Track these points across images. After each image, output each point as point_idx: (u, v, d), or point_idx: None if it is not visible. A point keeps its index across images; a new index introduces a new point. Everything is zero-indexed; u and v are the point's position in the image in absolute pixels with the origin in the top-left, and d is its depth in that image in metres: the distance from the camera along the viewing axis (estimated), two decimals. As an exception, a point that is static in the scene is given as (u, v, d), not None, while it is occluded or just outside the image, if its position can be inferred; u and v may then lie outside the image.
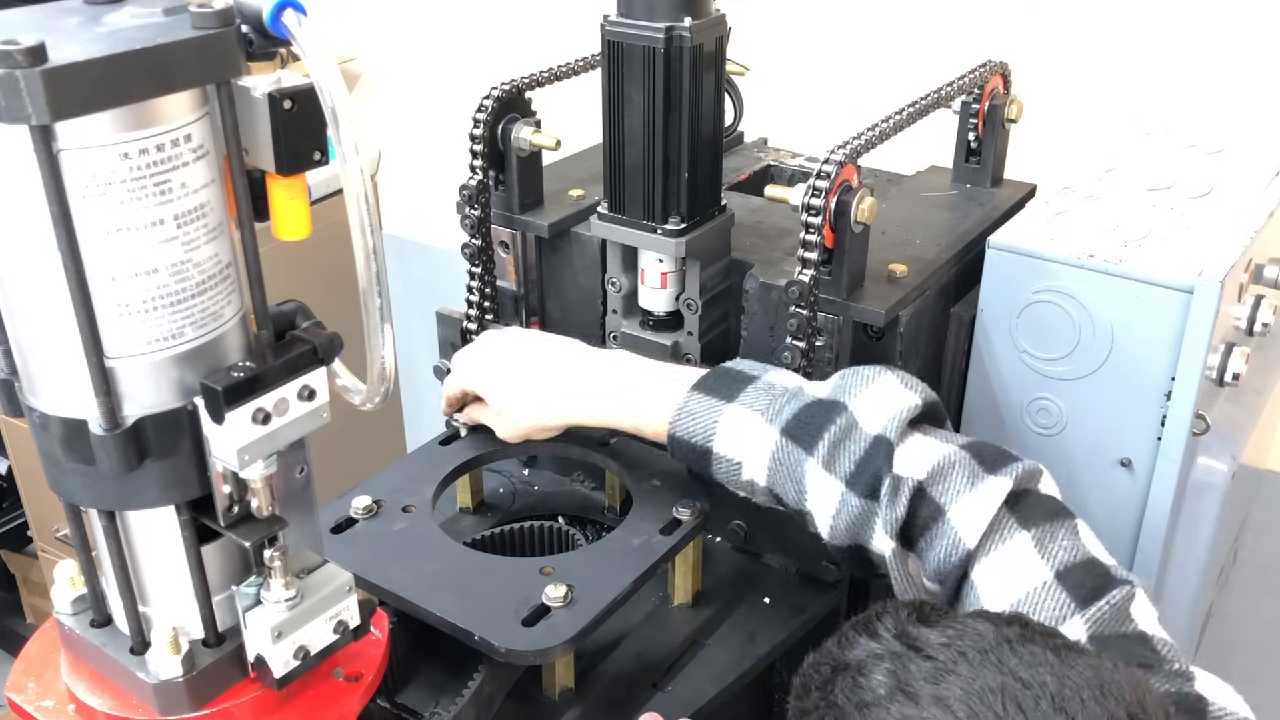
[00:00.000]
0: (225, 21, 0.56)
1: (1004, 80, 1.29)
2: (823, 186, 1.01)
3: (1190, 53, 1.67)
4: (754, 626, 1.11)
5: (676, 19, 1.04)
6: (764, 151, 1.51)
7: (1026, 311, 1.09)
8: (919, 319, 1.10)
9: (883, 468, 0.87)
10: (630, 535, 1.04)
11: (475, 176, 1.17)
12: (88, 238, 0.55)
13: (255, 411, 0.60)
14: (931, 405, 0.93)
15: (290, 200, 0.62)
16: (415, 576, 0.98)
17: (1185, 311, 1.01)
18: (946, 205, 1.28)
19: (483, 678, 0.95)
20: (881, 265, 1.10)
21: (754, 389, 0.96)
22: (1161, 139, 1.33)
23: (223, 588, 0.68)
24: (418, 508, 1.07)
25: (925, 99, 1.18)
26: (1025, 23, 1.76)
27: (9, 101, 0.50)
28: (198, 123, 0.58)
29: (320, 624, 0.69)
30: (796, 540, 1.16)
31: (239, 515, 0.65)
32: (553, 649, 0.92)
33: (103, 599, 0.69)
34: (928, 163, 1.39)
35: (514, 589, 0.96)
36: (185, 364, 0.60)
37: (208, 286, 0.60)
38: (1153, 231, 1.10)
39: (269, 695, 0.69)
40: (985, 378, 1.15)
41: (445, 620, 0.94)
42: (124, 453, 0.59)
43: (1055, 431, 1.12)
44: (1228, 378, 1.05)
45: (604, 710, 1.01)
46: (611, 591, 0.97)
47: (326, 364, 0.64)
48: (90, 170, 0.55)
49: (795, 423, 0.92)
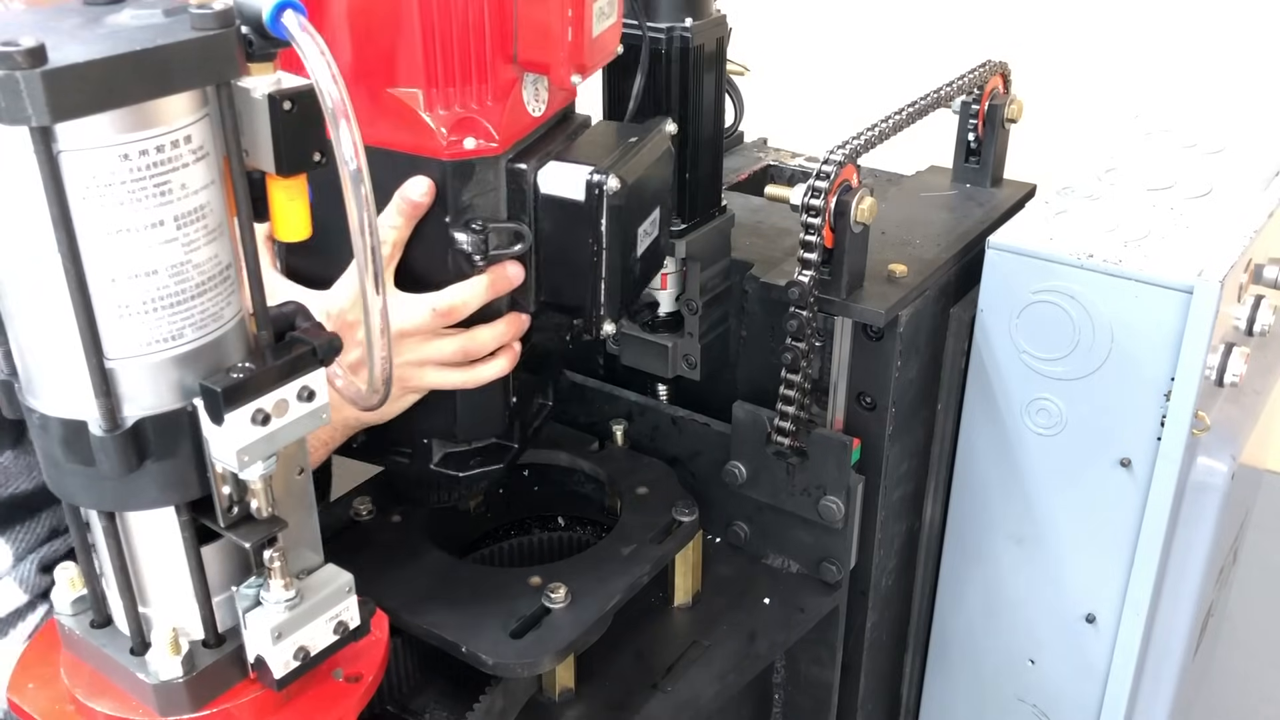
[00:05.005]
0: (225, 23, 0.56)
1: (1004, 80, 1.29)
2: (822, 186, 1.01)
3: (1190, 53, 1.67)
4: (754, 626, 1.11)
5: (677, 19, 1.04)
6: (764, 151, 1.52)
7: (1026, 311, 1.09)
8: (919, 319, 1.10)
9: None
10: (619, 543, 1.04)
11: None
12: (88, 239, 0.55)
13: (255, 413, 0.60)
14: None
15: (290, 201, 0.62)
16: (403, 589, 0.98)
17: (1185, 312, 1.01)
18: (946, 205, 1.28)
19: (495, 692, 0.95)
20: (881, 265, 1.10)
21: None
22: (1161, 139, 1.33)
23: (223, 588, 0.68)
24: (408, 516, 1.07)
25: (925, 99, 1.18)
26: (1025, 23, 1.76)
27: (9, 103, 0.50)
28: (198, 124, 0.58)
29: (320, 625, 0.69)
30: (797, 540, 1.16)
31: (239, 516, 0.65)
32: (541, 661, 0.92)
33: (103, 600, 0.69)
34: (928, 163, 1.39)
35: (502, 600, 0.96)
36: (185, 365, 0.60)
37: (207, 288, 0.60)
38: (1152, 231, 1.10)
39: (269, 696, 0.69)
40: (985, 378, 1.15)
41: (434, 634, 0.94)
42: (124, 454, 0.59)
43: (1055, 431, 1.12)
44: (1227, 378, 1.05)
45: (604, 710, 1.01)
46: (602, 602, 0.97)
47: (326, 365, 0.64)
48: (90, 171, 0.55)
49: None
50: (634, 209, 0.93)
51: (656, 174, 0.98)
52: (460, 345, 0.92)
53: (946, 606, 1.29)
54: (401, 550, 1.04)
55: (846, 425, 1.13)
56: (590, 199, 0.89)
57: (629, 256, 0.94)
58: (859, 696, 1.27)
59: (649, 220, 0.98)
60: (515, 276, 0.92)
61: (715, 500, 1.19)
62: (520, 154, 0.90)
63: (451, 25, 0.85)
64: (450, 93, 0.86)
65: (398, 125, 0.87)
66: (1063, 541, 1.17)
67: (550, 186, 0.90)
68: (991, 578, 1.24)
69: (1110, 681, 1.19)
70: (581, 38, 0.87)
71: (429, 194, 0.88)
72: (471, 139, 0.87)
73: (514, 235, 0.91)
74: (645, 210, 0.97)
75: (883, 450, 1.12)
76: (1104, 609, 1.17)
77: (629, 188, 0.90)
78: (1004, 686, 1.28)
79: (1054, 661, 1.23)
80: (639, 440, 1.23)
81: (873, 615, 1.22)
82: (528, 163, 0.90)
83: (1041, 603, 1.21)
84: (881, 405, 1.10)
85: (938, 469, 1.22)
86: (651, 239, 0.99)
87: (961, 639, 1.30)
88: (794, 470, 1.12)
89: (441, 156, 0.87)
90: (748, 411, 1.13)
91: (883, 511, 1.16)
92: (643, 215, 0.96)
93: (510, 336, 0.95)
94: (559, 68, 0.88)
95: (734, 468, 1.15)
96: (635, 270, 0.97)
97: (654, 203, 0.99)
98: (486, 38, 0.86)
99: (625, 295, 0.96)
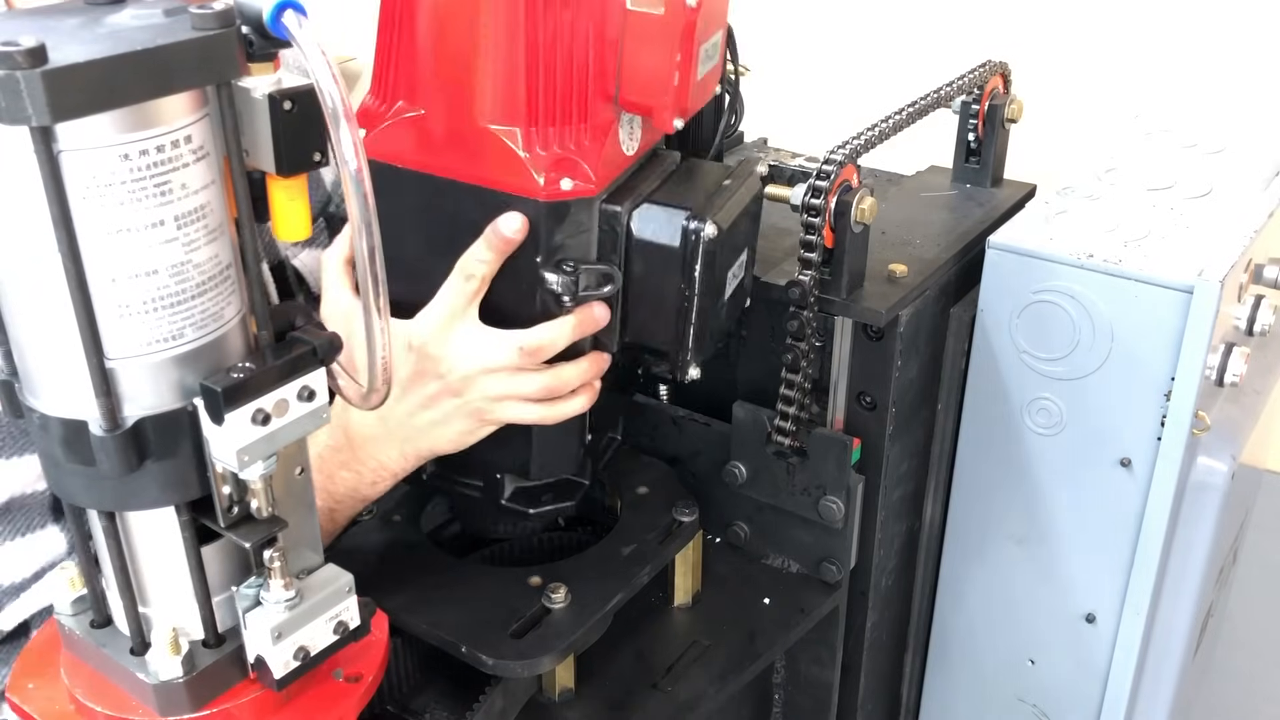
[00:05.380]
0: (225, 22, 0.56)
1: (1004, 80, 1.29)
2: (823, 186, 1.01)
3: (1190, 53, 1.67)
4: (754, 626, 1.11)
5: (677, 19, 1.04)
6: (764, 151, 1.51)
7: (1026, 311, 1.09)
8: (919, 319, 1.10)
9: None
10: (619, 543, 1.04)
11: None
12: (88, 239, 0.55)
13: (255, 412, 0.60)
14: None
15: (290, 201, 0.62)
16: (402, 589, 0.98)
17: (1185, 311, 1.01)
18: (946, 205, 1.28)
19: (495, 692, 0.95)
20: (881, 265, 1.10)
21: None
22: (1161, 139, 1.33)
23: (223, 588, 0.68)
24: (404, 516, 1.07)
25: (925, 99, 1.18)
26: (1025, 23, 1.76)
27: (9, 103, 0.50)
28: (198, 124, 0.58)
29: (320, 625, 0.69)
30: (797, 540, 1.16)
31: (239, 516, 0.65)
32: (541, 661, 0.92)
33: (103, 600, 0.69)
34: (928, 163, 1.39)
35: (502, 600, 0.96)
36: (185, 365, 0.60)
37: (208, 288, 0.60)
38: (1152, 231, 1.10)
39: (269, 696, 0.69)
40: (985, 378, 1.15)
41: (434, 633, 0.94)
42: (124, 454, 0.59)
43: (1055, 431, 1.12)
44: (1227, 378, 1.05)
45: (604, 710, 1.01)
46: (602, 602, 0.97)
47: (326, 365, 0.64)
48: (90, 171, 0.55)
49: None
50: (726, 254, 0.92)
51: (747, 216, 0.96)
52: (545, 383, 0.91)
53: (946, 606, 1.29)
54: (401, 550, 1.04)
55: (846, 425, 1.13)
56: (686, 244, 0.88)
57: (718, 301, 0.93)
58: (859, 696, 1.27)
59: (738, 263, 0.96)
60: (602, 318, 0.91)
61: (715, 500, 1.19)
62: (614, 194, 0.89)
63: (556, 63, 0.83)
64: (550, 132, 0.85)
65: (494, 162, 0.85)
66: (1063, 541, 1.17)
67: (644, 231, 0.88)
68: (991, 578, 1.24)
69: (1110, 681, 1.19)
70: (688, 83, 0.85)
71: (522, 231, 0.86)
72: (569, 180, 0.86)
73: (604, 277, 0.89)
74: (736, 254, 0.96)
75: (883, 450, 1.12)
76: (1104, 609, 1.17)
77: (724, 233, 0.89)
78: (1004, 686, 1.28)
79: (1054, 661, 1.23)
80: (639, 440, 1.23)
81: (873, 615, 1.22)
82: (622, 204, 0.88)
83: (1041, 603, 1.21)
84: (881, 405, 1.10)
85: (938, 469, 1.22)
86: (738, 281, 0.98)
87: (961, 639, 1.30)
88: (794, 470, 1.12)
89: (538, 197, 0.85)
90: (748, 411, 1.12)
91: (883, 511, 1.16)
92: (734, 259, 0.95)
93: (592, 375, 0.94)
94: (663, 111, 0.86)
95: (734, 467, 1.15)
96: (722, 314, 0.96)
97: (744, 245, 0.98)
98: (589, 77, 0.84)
99: (712, 339, 0.95)
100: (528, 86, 0.83)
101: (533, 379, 0.91)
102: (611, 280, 0.90)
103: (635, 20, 0.83)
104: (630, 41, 0.84)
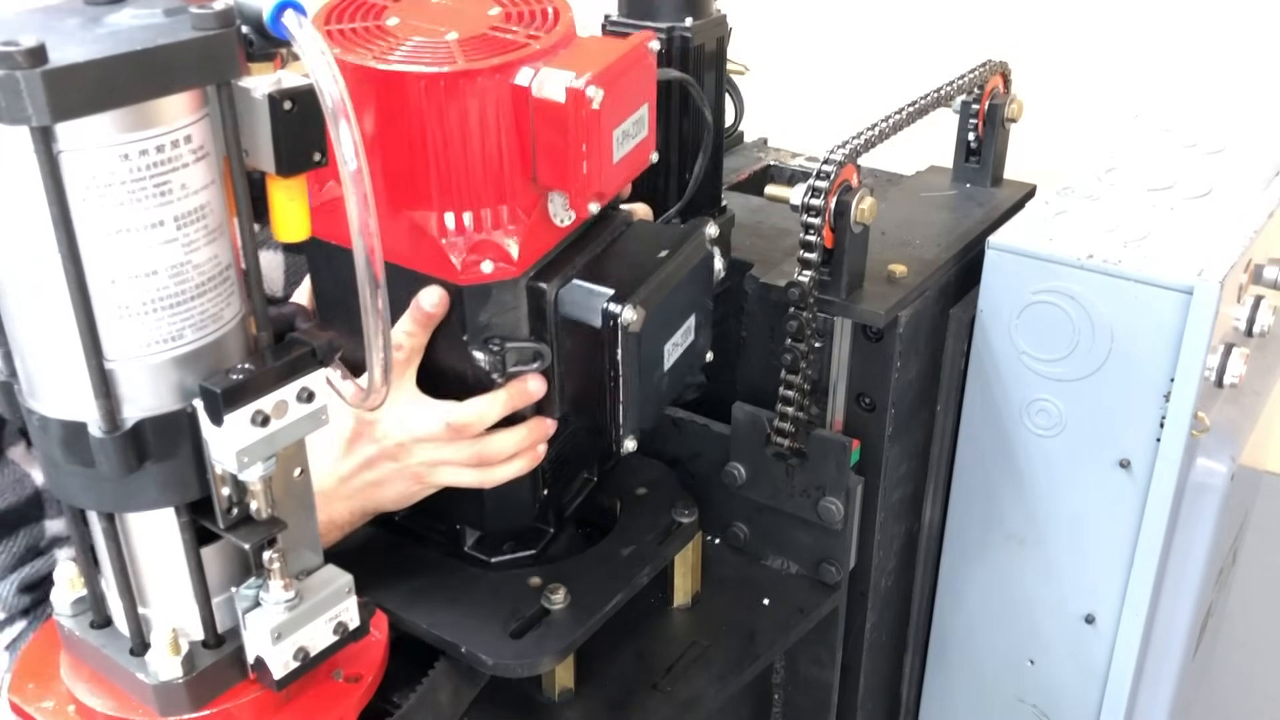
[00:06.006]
0: (225, 22, 0.56)
1: (1004, 80, 1.29)
2: (822, 186, 1.01)
3: (1190, 53, 1.67)
4: (754, 627, 1.11)
5: (677, 19, 1.04)
6: (764, 151, 1.52)
7: (1026, 312, 1.09)
8: (918, 320, 1.10)
9: None
10: (619, 544, 1.04)
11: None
12: (87, 239, 0.55)
13: (254, 414, 0.60)
14: None
15: (290, 201, 0.62)
16: (403, 589, 0.98)
17: (1185, 312, 1.01)
18: (946, 205, 1.28)
19: (434, 680, 0.94)
20: (881, 265, 1.10)
21: None
22: (1161, 139, 1.33)
23: (222, 589, 0.68)
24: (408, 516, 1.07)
25: (925, 99, 1.18)
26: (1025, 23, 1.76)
27: (9, 103, 0.50)
28: (198, 124, 0.58)
29: (320, 625, 0.69)
30: (796, 541, 1.16)
31: (238, 517, 0.65)
32: (540, 661, 0.92)
33: (102, 600, 0.69)
34: (928, 163, 1.39)
35: (502, 600, 0.96)
36: (185, 366, 0.60)
37: (207, 288, 0.60)
38: (1152, 232, 1.10)
39: (269, 696, 0.69)
40: (985, 378, 1.15)
41: (432, 633, 0.94)
42: (123, 455, 0.59)
43: (1055, 432, 1.12)
44: (1227, 379, 1.05)
45: (604, 710, 1.01)
46: (602, 603, 0.97)
47: (325, 366, 0.64)
48: (90, 171, 0.54)
49: None
50: (658, 330, 0.90)
51: (691, 284, 0.95)
52: (475, 452, 0.91)
53: (946, 607, 1.29)
54: (401, 550, 1.04)
55: (846, 426, 1.13)
56: (607, 327, 0.86)
57: (653, 374, 0.92)
58: (859, 696, 1.27)
59: (680, 332, 0.95)
60: (536, 391, 0.91)
61: (715, 501, 1.19)
62: (544, 270, 0.88)
63: (466, 149, 0.82)
64: (466, 216, 0.84)
65: (412, 246, 0.85)
66: (1062, 542, 1.17)
67: (569, 309, 0.87)
68: (991, 578, 1.24)
69: (1110, 682, 1.19)
70: (599, 168, 0.83)
71: (442, 305, 0.86)
72: (490, 262, 0.85)
73: (533, 354, 0.89)
74: (674, 325, 0.94)
75: (882, 451, 1.12)
76: (1104, 609, 1.17)
77: (650, 313, 0.87)
78: (1004, 686, 1.28)
79: (1054, 661, 1.23)
80: (639, 440, 1.23)
81: (872, 616, 1.22)
82: (549, 281, 0.87)
83: (1041, 603, 1.21)
84: (881, 406, 1.10)
85: (937, 470, 1.22)
86: (684, 348, 0.97)
87: (961, 639, 1.30)
88: (793, 471, 1.12)
89: (458, 281, 0.85)
90: (747, 413, 1.12)
91: (882, 512, 1.16)
92: (670, 331, 0.93)
93: (531, 442, 0.93)
94: (577, 196, 0.85)
95: (733, 469, 1.15)
96: (663, 384, 0.94)
97: (688, 313, 0.96)
98: (504, 162, 0.83)
99: (650, 410, 0.94)
100: (437, 173, 0.82)
101: (463, 448, 0.91)
102: (540, 357, 0.89)
103: (539, 108, 0.81)
104: (539, 128, 0.82)
